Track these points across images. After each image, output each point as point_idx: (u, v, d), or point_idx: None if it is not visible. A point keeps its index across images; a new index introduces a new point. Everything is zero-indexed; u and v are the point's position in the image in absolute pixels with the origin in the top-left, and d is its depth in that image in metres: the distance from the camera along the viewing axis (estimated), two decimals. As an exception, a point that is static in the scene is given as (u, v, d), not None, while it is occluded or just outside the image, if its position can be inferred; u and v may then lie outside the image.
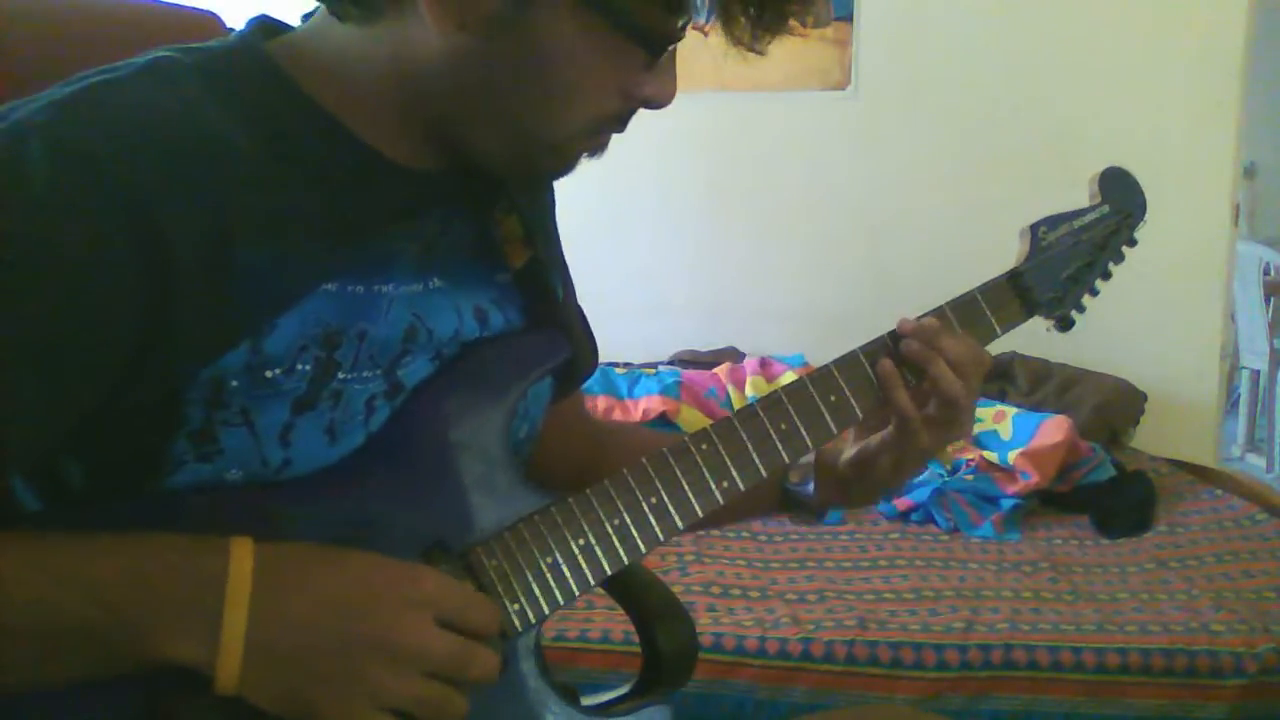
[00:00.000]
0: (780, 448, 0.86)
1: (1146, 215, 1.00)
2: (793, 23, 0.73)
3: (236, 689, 0.65)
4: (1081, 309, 1.00)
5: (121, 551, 0.66)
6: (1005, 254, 0.97)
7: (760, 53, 0.73)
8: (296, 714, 0.67)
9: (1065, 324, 0.99)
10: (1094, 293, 1.00)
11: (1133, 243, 1.01)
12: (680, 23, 0.72)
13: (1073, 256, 0.97)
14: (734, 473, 0.84)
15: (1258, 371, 4.51)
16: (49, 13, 0.95)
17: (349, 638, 0.67)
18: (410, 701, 0.69)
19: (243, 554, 0.66)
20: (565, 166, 0.78)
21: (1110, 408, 2.83)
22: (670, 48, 0.74)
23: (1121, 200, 0.99)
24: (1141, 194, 1.00)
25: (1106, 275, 1.00)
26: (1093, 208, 0.99)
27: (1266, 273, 4.40)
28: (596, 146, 0.78)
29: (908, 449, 0.90)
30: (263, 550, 0.67)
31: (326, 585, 0.68)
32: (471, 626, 0.71)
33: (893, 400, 0.88)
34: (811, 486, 0.96)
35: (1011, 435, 2.50)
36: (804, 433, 0.86)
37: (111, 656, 0.66)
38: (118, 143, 0.65)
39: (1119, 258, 1.01)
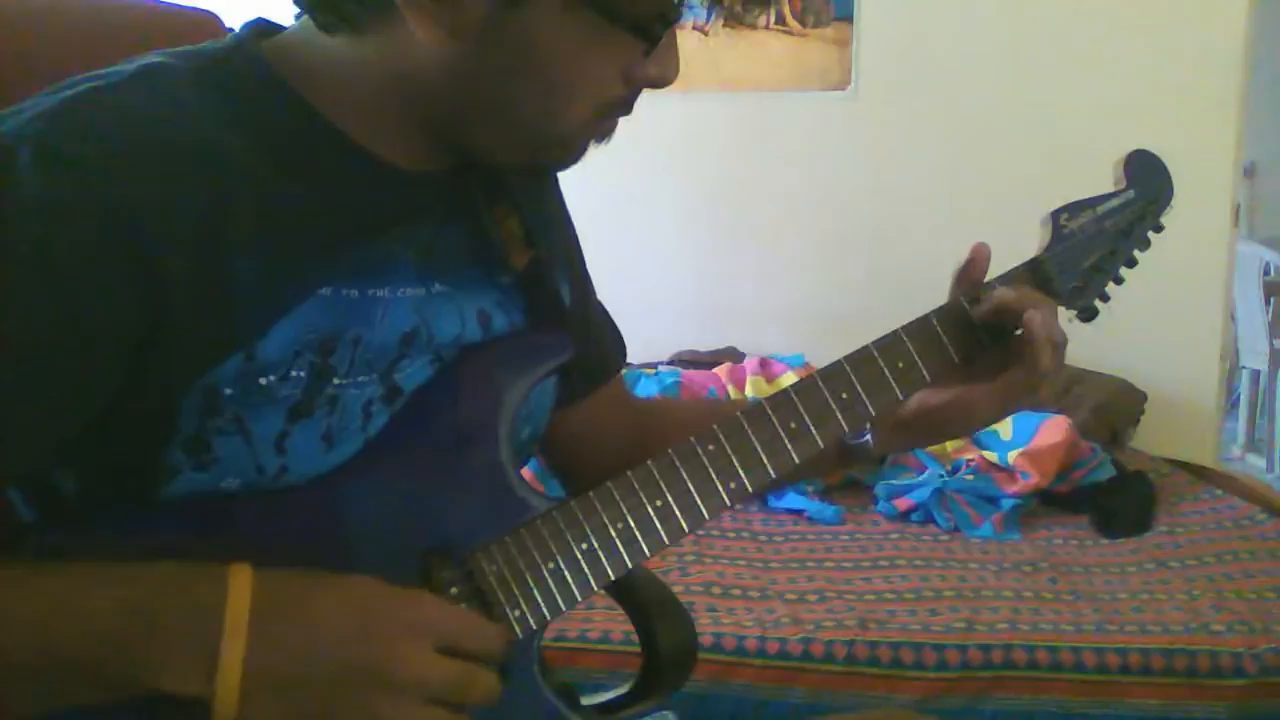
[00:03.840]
0: (790, 447, 0.83)
1: (1174, 200, 0.96)
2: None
3: (235, 719, 0.65)
4: (1106, 298, 0.96)
5: (118, 581, 0.65)
6: (1005, 253, 0.95)
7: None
8: None
9: (1089, 314, 0.95)
10: (1119, 281, 0.96)
11: (1159, 229, 0.97)
12: (675, 3, 0.70)
13: (1096, 244, 0.94)
14: (741, 474, 0.82)
15: (1258, 371, 4.51)
16: (48, 12, 0.94)
17: (347, 667, 0.66)
18: None
19: (241, 583, 0.65)
20: (573, 157, 0.77)
21: (1110, 408, 2.83)
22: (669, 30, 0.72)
23: (1148, 185, 0.95)
24: (1169, 179, 0.96)
25: (1132, 263, 0.96)
26: (1117, 193, 0.95)
27: (1266, 273, 4.40)
28: (603, 133, 0.77)
29: (1021, 399, 0.88)
30: (261, 579, 0.66)
31: (325, 614, 0.67)
32: (472, 652, 0.70)
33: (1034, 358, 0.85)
34: (869, 438, 0.93)
35: (1011, 435, 2.49)
36: (814, 431, 0.84)
37: (109, 687, 0.65)
38: (109, 152, 0.64)
39: (1145, 245, 0.96)
